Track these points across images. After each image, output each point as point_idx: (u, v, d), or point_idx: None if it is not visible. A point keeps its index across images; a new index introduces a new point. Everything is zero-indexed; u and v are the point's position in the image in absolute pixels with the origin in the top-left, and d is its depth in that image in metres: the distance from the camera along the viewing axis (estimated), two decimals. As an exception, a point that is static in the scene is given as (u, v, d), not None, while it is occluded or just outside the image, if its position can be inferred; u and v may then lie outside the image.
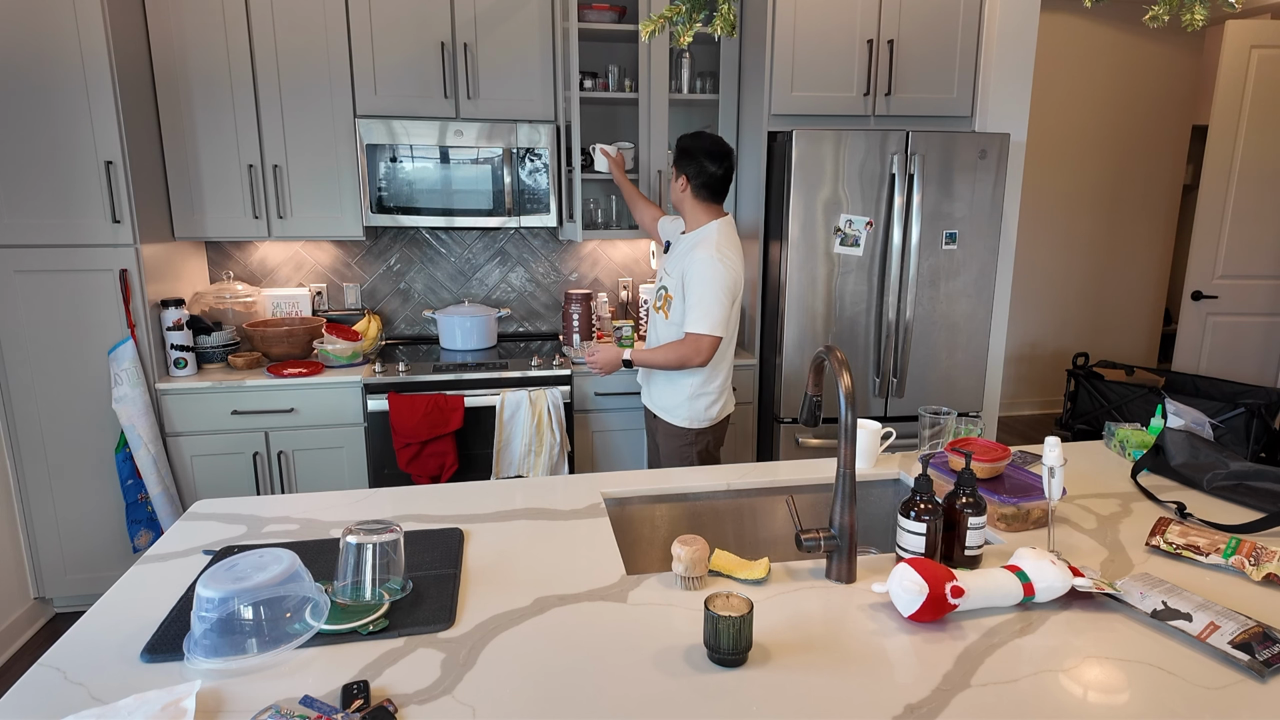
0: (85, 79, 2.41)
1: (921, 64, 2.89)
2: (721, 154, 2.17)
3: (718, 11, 1.78)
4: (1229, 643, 1.07)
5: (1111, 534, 1.47)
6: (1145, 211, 5.11)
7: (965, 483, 1.33)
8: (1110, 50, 4.81)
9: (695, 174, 2.18)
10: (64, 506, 2.65)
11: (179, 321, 2.68)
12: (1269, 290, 4.02)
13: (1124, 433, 1.92)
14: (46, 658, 1.08)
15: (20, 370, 2.54)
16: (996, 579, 1.18)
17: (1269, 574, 1.27)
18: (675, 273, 2.21)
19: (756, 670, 1.05)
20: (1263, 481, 1.61)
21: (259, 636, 1.08)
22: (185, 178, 2.77)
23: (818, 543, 1.27)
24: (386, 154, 2.84)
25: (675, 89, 3.10)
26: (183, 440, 2.67)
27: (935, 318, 2.90)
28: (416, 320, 3.36)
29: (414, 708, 0.97)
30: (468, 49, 2.86)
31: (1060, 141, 4.88)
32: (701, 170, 2.16)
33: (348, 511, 1.57)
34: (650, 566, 1.70)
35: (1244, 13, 4.32)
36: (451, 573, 1.30)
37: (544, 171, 2.95)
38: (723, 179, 2.19)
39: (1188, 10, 1.51)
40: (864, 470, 1.79)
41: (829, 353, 1.31)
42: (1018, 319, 5.11)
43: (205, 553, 1.40)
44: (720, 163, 2.17)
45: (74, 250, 2.51)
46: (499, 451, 2.80)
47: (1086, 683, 1.02)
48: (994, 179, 2.82)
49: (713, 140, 2.19)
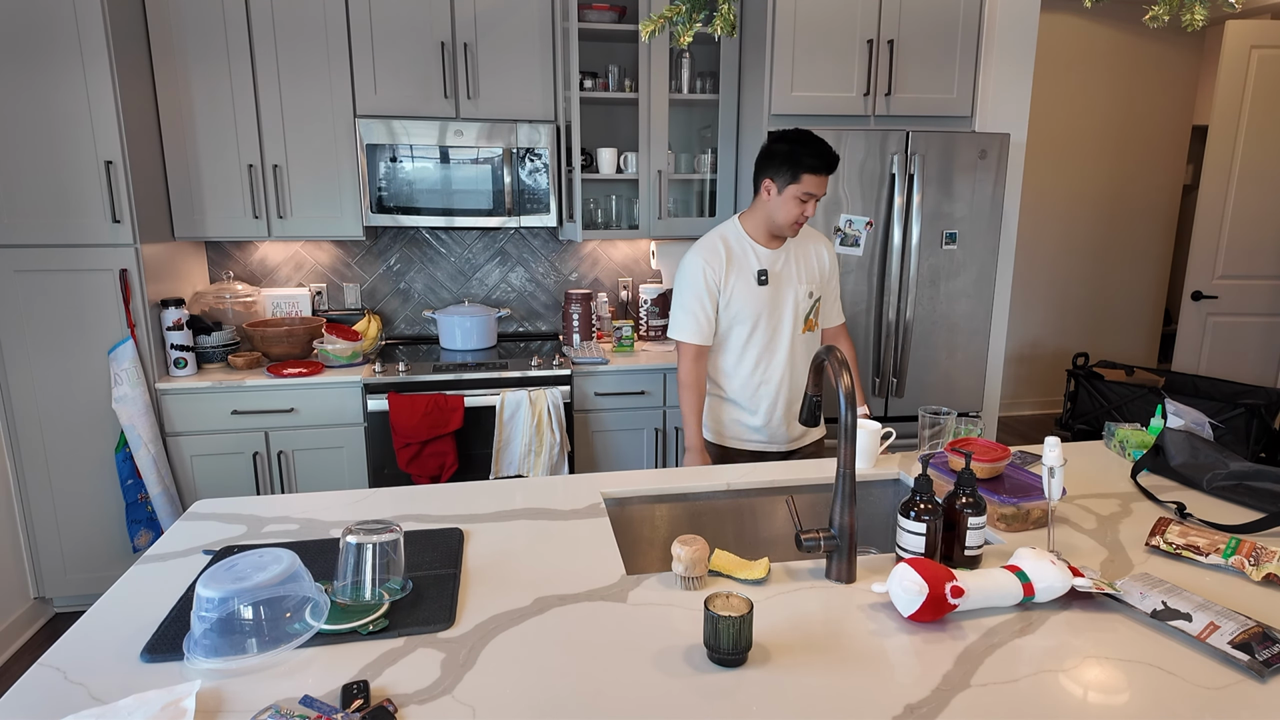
0: (85, 79, 2.41)
1: (921, 64, 2.89)
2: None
3: (718, 11, 1.78)
4: (1229, 643, 1.07)
5: (1111, 534, 1.47)
6: (1145, 211, 5.11)
7: (965, 483, 1.33)
8: (1110, 50, 4.81)
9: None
10: (64, 506, 2.65)
11: (179, 321, 2.68)
12: (1269, 290, 4.02)
13: (1124, 433, 1.92)
14: (46, 658, 1.08)
15: (20, 370, 2.54)
16: (996, 579, 1.18)
17: (1269, 574, 1.27)
18: (807, 274, 2.11)
19: (756, 670, 1.05)
20: (1263, 481, 1.61)
21: (259, 636, 1.08)
22: (185, 177, 2.77)
23: (818, 543, 1.27)
24: (386, 154, 2.84)
25: (675, 89, 3.10)
26: (183, 440, 2.67)
27: (935, 318, 2.90)
28: (416, 320, 3.36)
29: (414, 708, 0.97)
30: (468, 49, 2.86)
31: (1060, 141, 4.88)
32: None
33: (348, 511, 1.57)
34: (650, 566, 1.70)
35: (1244, 13, 4.33)
36: (451, 573, 1.30)
37: (544, 171, 2.95)
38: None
39: (1188, 10, 1.51)
40: (864, 470, 1.79)
41: (829, 353, 1.31)
42: (1018, 319, 5.11)
43: (205, 553, 1.40)
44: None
45: (74, 250, 2.51)
46: (499, 451, 2.80)
47: (1086, 683, 1.02)
48: (994, 179, 2.82)
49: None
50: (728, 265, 2.03)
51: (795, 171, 1.92)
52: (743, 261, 2.04)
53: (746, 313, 2.05)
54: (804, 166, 1.91)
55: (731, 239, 2.06)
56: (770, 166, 1.97)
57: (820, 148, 1.92)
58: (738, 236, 2.07)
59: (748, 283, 2.04)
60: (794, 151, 1.92)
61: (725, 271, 2.03)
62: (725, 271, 2.03)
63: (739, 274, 2.03)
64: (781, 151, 1.94)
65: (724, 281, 2.03)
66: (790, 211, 1.96)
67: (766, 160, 1.98)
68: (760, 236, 2.06)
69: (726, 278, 2.03)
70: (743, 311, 2.05)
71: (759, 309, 2.05)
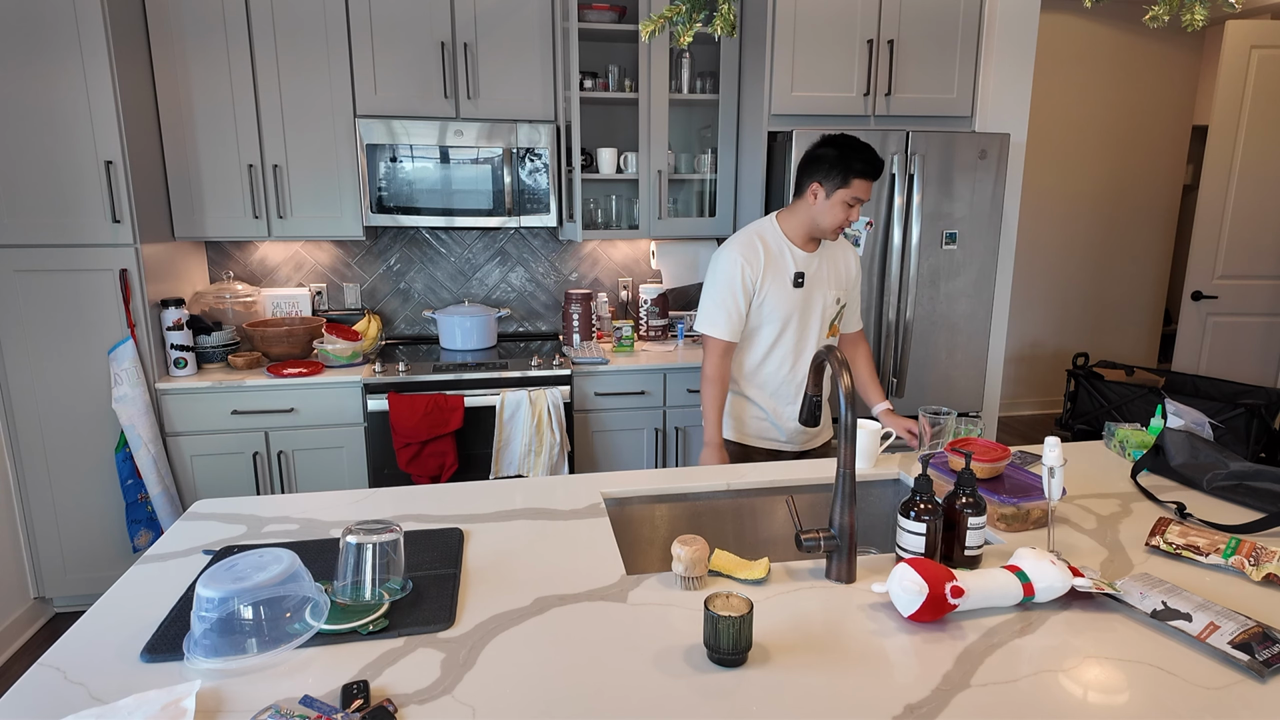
0: (85, 78, 2.41)
1: (921, 64, 2.89)
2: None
3: (718, 11, 1.78)
4: (1229, 643, 1.07)
5: (1111, 534, 1.47)
6: (1145, 211, 5.11)
7: (965, 483, 1.33)
8: (1110, 50, 4.81)
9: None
10: (64, 506, 2.65)
11: (179, 321, 2.68)
12: (1269, 290, 4.02)
13: (1124, 433, 1.92)
14: (46, 657, 1.08)
15: (20, 370, 2.54)
16: (996, 579, 1.18)
17: (1269, 574, 1.27)
18: (836, 279, 2.11)
19: (756, 670, 1.05)
20: (1263, 481, 1.61)
21: (259, 636, 1.08)
22: (185, 177, 2.77)
23: (818, 543, 1.27)
24: (386, 154, 2.84)
25: (675, 89, 3.10)
26: (183, 440, 2.67)
27: (935, 318, 2.90)
28: (416, 320, 3.36)
29: (414, 707, 0.97)
30: (468, 49, 2.86)
31: (1060, 141, 4.88)
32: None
33: (348, 511, 1.57)
34: (650, 566, 1.70)
35: (1244, 13, 4.33)
36: (451, 573, 1.30)
37: (544, 171, 2.95)
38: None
39: (1188, 10, 1.51)
40: (864, 470, 1.79)
41: (829, 353, 1.31)
42: (1018, 319, 5.11)
43: (205, 553, 1.40)
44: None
45: (74, 250, 2.51)
46: (499, 451, 2.80)
47: (1086, 683, 1.02)
48: (994, 179, 2.82)
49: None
50: (766, 265, 2.02)
51: (845, 176, 1.92)
52: (780, 263, 2.03)
53: (778, 314, 2.04)
54: (854, 171, 1.91)
55: (770, 238, 2.05)
56: (818, 170, 1.96)
57: (870, 153, 1.92)
58: (775, 236, 2.05)
59: (783, 284, 2.04)
60: (844, 156, 1.91)
61: (763, 271, 2.02)
62: (763, 271, 2.02)
63: (775, 275, 2.03)
64: (830, 156, 1.93)
65: (761, 281, 2.02)
66: (836, 216, 1.96)
67: (814, 164, 1.97)
68: (798, 239, 2.05)
69: (764, 278, 2.02)
70: (775, 312, 2.04)
71: (790, 311, 2.05)
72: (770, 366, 2.09)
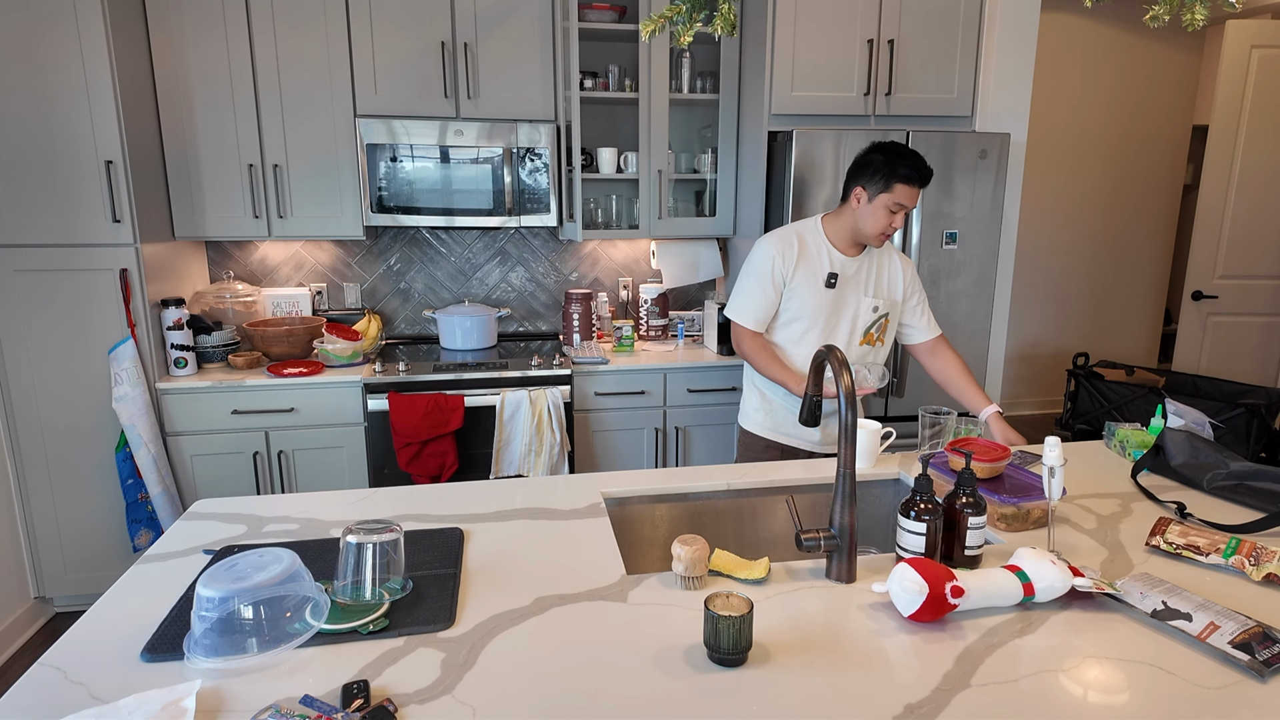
0: (85, 78, 2.41)
1: (921, 64, 2.89)
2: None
3: (718, 11, 1.78)
4: (1229, 643, 1.07)
5: (1111, 534, 1.47)
6: (1145, 211, 5.11)
7: (965, 483, 1.33)
8: (1110, 50, 4.81)
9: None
10: (64, 506, 2.65)
11: (179, 321, 2.68)
12: (1269, 290, 4.02)
13: (1124, 433, 1.92)
14: (46, 657, 1.08)
15: (20, 370, 2.54)
16: (996, 579, 1.18)
17: (1269, 574, 1.27)
18: (877, 288, 2.09)
19: (756, 670, 1.05)
20: (1263, 481, 1.61)
21: (259, 636, 1.07)
22: (185, 177, 2.77)
23: (818, 543, 1.27)
24: (387, 153, 2.84)
25: (675, 89, 3.10)
26: (183, 440, 2.67)
27: (936, 317, 2.89)
28: (416, 320, 3.36)
29: (414, 707, 0.97)
30: (468, 49, 2.86)
31: (1060, 141, 4.88)
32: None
33: (348, 511, 1.57)
34: (650, 566, 1.70)
35: (1244, 13, 4.32)
36: (451, 572, 1.30)
37: (544, 171, 2.95)
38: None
39: (1188, 10, 1.51)
40: (864, 470, 1.79)
41: (829, 353, 1.31)
42: (1018, 319, 5.11)
43: (205, 552, 1.40)
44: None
45: (74, 250, 2.51)
46: (499, 451, 2.80)
47: (1086, 683, 1.02)
48: (994, 179, 2.82)
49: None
50: (799, 260, 2.04)
51: (889, 181, 1.93)
52: (815, 261, 2.04)
53: (805, 311, 2.05)
54: (898, 176, 1.92)
55: (809, 236, 2.07)
56: (863, 175, 1.97)
57: (916, 160, 1.93)
58: (815, 235, 2.07)
59: (814, 282, 2.04)
60: (889, 160, 1.93)
61: (795, 265, 2.04)
62: (795, 265, 2.04)
63: (807, 271, 2.04)
64: (876, 161, 1.95)
65: (791, 275, 2.04)
66: (879, 220, 1.97)
67: (860, 169, 1.99)
68: (840, 242, 2.06)
69: (794, 272, 2.04)
70: (802, 309, 2.05)
71: (818, 310, 2.06)
72: (794, 365, 2.11)
